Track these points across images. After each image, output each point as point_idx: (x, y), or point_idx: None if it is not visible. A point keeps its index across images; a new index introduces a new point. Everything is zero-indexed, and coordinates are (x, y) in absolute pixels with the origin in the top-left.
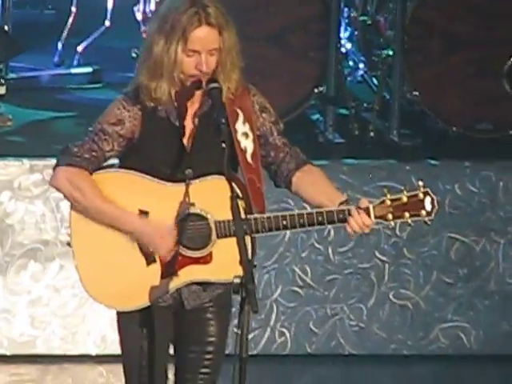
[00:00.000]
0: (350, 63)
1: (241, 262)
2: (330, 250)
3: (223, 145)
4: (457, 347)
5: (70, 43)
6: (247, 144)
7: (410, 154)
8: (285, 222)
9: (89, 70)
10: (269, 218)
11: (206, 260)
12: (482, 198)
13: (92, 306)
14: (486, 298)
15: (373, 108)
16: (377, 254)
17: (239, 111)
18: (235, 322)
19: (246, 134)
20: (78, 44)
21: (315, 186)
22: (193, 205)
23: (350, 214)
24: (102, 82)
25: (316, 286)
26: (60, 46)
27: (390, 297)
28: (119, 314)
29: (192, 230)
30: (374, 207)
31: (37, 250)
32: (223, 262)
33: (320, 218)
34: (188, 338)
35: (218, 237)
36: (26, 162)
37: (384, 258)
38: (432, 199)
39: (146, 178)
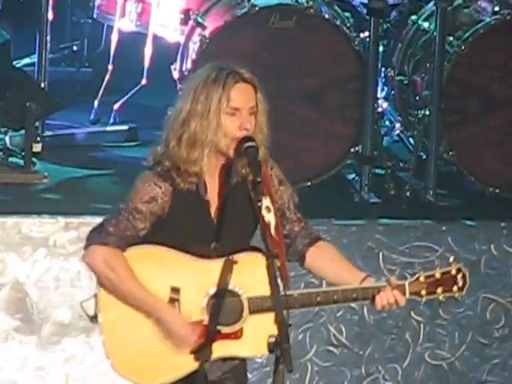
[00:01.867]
0: (387, 123)
1: (276, 321)
2: (365, 310)
3: (259, 203)
4: None
5: (107, 101)
6: (270, 218)
7: (446, 214)
8: (319, 299)
9: (125, 128)
10: (303, 294)
11: (236, 335)
12: None
13: None
14: None
15: (409, 168)
16: (412, 314)
17: None
18: (270, 380)
19: (268, 208)
20: (115, 102)
21: (332, 261)
22: (227, 281)
23: (382, 291)
24: (138, 140)
25: (351, 346)
26: (96, 103)
27: (426, 357)
28: None
29: (224, 306)
30: (409, 284)
31: (72, 307)
32: (253, 338)
33: (354, 295)
34: None
35: (250, 313)
36: (61, 220)
37: (419, 319)
38: (464, 275)
39: (178, 253)
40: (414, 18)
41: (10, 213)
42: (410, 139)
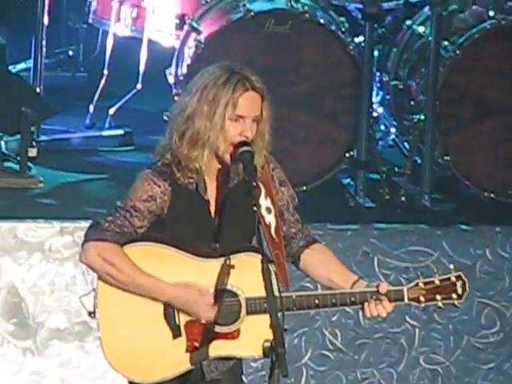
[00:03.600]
0: (382, 127)
1: (271, 326)
2: (360, 314)
3: (254, 208)
4: None
5: (102, 106)
6: (271, 219)
7: (441, 218)
8: (317, 301)
9: (120, 132)
10: (301, 296)
11: (233, 336)
12: None
13: None
14: None
15: (404, 172)
16: (407, 318)
17: (261, 185)
18: None
19: (268, 209)
20: (110, 107)
21: (326, 264)
22: (226, 281)
23: (377, 299)
24: (133, 145)
25: (346, 350)
26: (91, 108)
27: (421, 361)
28: None
29: (222, 306)
30: (408, 289)
31: (68, 312)
32: (250, 339)
33: (353, 299)
34: None
35: (247, 313)
36: (57, 225)
37: (414, 323)
38: (463, 283)
39: (177, 252)
40: (408, 22)
41: (6, 217)
42: (405, 144)
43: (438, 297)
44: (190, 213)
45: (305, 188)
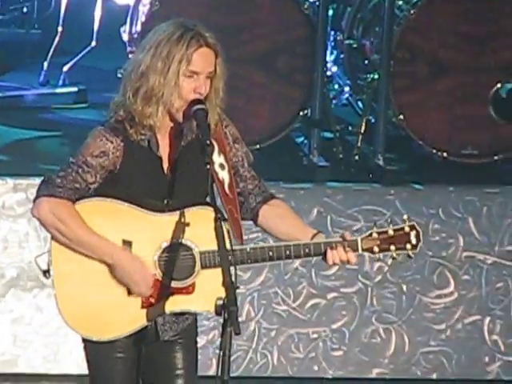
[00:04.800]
0: (336, 86)
1: (223, 284)
2: (313, 273)
3: (207, 166)
4: (439, 372)
5: (56, 63)
6: (224, 175)
7: (394, 177)
8: (271, 253)
9: (74, 89)
10: (255, 248)
11: (188, 290)
12: (465, 222)
13: None
14: (469, 324)
15: (358, 131)
16: (360, 277)
17: (214, 142)
18: (217, 343)
19: (222, 165)
20: (64, 64)
21: (284, 219)
22: (180, 235)
23: (335, 247)
24: (87, 102)
25: (298, 309)
26: (46, 65)
27: (373, 320)
28: (87, 342)
29: (176, 260)
30: (361, 239)
31: (20, 268)
32: (205, 293)
33: (307, 250)
34: (158, 370)
35: (201, 267)
36: (10, 181)
37: (367, 282)
38: (417, 233)
39: (130, 207)
40: None
41: None
42: (359, 103)
43: (393, 247)
44: (143, 169)
45: (258, 146)
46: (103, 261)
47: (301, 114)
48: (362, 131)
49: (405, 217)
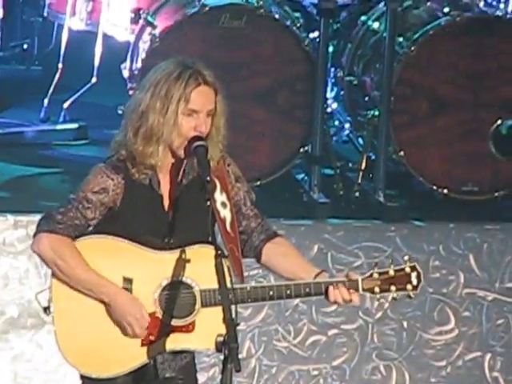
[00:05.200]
0: (336, 123)
1: (224, 320)
2: (313, 310)
3: (208, 202)
4: None
5: (57, 99)
6: (226, 213)
7: (394, 214)
8: (271, 293)
9: (74, 126)
10: (256, 287)
11: (188, 329)
12: (466, 259)
13: None
14: (470, 360)
15: (358, 168)
16: (360, 314)
17: (216, 180)
18: (218, 380)
19: (223, 204)
20: (65, 100)
21: (288, 257)
22: (180, 273)
23: (338, 287)
24: (88, 139)
25: (299, 346)
26: (46, 102)
27: (374, 357)
28: (85, 379)
29: (177, 299)
30: (362, 280)
31: (21, 306)
32: (206, 331)
33: (308, 290)
34: None
35: (202, 306)
36: (11, 218)
37: (367, 319)
38: (418, 273)
39: (130, 244)
40: (363, 18)
41: None
42: (360, 139)
43: (393, 287)
44: (143, 207)
45: (259, 183)
46: (99, 299)
47: (301, 150)
48: (363, 168)
49: (406, 258)
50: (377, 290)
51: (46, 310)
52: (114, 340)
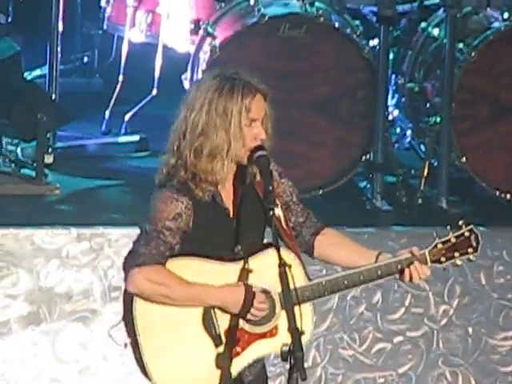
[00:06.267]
0: (398, 130)
1: (289, 329)
2: (378, 317)
3: (271, 212)
4: None
5: (118, 112)
6: (279, 212)
7: (458, 220)
8: (346, 282)
9: (136, 138)
10: (330, 280)
11: (272, 333)
12: None
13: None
14: None
15: (420, 175)
16: (425, 321)
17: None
18: None
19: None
20: (126, 112)
21: (342, 246)
22: (256, 281)
23: (410, 264)
24: (149, 151)
25: (365, 353)
26: (107, 114)
27: (439, 364)
28: None
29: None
30: (429, 252)
31: (85, 318)
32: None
33: (379, 272)
34: None
35: (282, 308)
36: (74, 231)
37: (433, 325)
38: (476, 235)
39: (208, 261)
40: (423, 25)
41: (23, 224)
42: (421, 146)
43: (457, 254)
44: (213, 223)
45: (321, 192)
46: (212, 304)
47: (363, 158)
48: (425, 174)
49: (461, 222)
50: (443, 259)
51: (126, 345)
52: (204, 358)
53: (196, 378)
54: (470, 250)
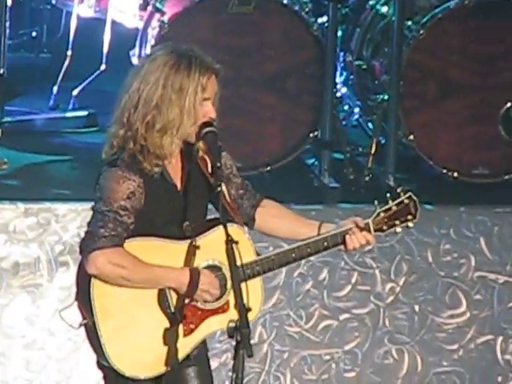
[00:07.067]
0: (346, 107)
1: (235, 306)
2: (324, 294)
3: (218, 188)
4: None
5: (66, 87)
6: (223, 187)
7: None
8: (294, 255)
9: (84, 113)
10: (278, 254)
11: (223, 309)
12: (477, 242)
13: (88, 350)
14: (482, 343)
15: (368, 152)
16: (372, 298)
17: (206, 156)
18: (230, 365)
19: None
20: (74, 88)
21: (283, 217)
22: (193, 262)
23: (352, 233)
24: (98, 126)
25: (311, 330)
26: (55, 89)
27: (385, 341)
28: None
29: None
30: (372, 221)
31: (32, 293)
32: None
33: (326, 243)
34: None
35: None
36: (21, 206)
37: (379, 303)
38: (415, 202)
39: (160, 241)
40: (372, 2)
41: None
42: (369, 124)
43: (397, 222)
44: (163, 199)
45: (269, 168)
46: (169, 286)
47: (311, 135)
48: (373, 152)
49: (399, 189)
50: (385, 227)
51: (81, 325)
52: (160, 337)
53: (154, 357)
54: (410, 216)
